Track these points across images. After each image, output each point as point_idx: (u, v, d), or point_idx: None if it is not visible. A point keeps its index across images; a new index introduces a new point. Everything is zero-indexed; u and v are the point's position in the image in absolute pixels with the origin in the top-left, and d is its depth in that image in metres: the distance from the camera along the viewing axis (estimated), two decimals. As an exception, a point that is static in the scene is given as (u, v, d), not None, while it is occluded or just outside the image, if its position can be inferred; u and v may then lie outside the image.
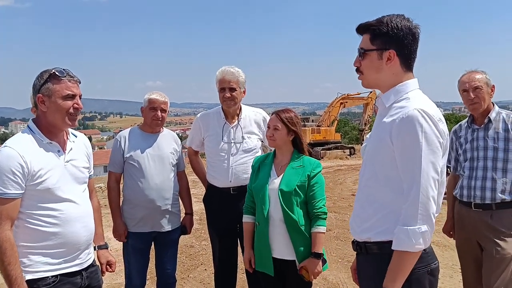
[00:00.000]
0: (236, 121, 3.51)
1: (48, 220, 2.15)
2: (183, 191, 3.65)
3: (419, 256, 1.75)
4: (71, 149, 2.33)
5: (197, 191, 9.06)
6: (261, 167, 2.99)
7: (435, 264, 1.87)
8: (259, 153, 3.57)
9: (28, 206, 2.12)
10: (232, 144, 3.45)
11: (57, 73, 2.17)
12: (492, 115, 3.09)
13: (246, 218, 3.02)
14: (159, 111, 3.39)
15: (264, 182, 2.87)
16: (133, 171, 3.36)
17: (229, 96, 3.37)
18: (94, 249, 2.64)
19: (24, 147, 2.12)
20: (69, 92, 2.19)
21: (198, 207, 5.80)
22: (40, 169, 2.12)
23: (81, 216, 2.29)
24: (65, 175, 2.25)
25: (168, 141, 3.52)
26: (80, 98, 2.27)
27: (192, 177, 4.74)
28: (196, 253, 6.10)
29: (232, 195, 3.44)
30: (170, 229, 3.46)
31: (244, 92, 3.48)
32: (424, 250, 1.77)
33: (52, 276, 2.18)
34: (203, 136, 3.58)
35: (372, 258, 1.91)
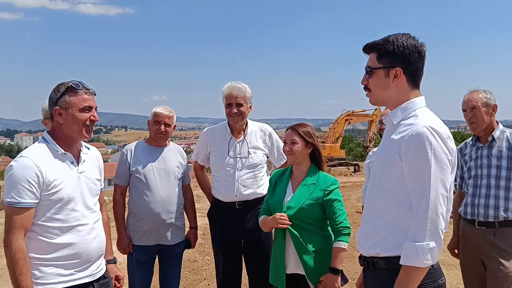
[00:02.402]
0: (242, 136, 3.52)
1: (60, 232, 2.17)
2: (188, 204, 3.65)
3: (426, 272, 1.76)
4: (84, 160, 2.36)
5: (201, 206, 9.05)
6: (278, 182, 2.98)
7: (442, 280, 1.88)
8: (265, 168, 3.58)
9: (41, 217, 2.14)
10: (238, 159, 3.45)
11: (73, 85, 2.23)
12: (496, 133, 3.13)
13: (263, 218, 2.93)
14: (162, 125, 3.42)
15: (281, 199, 2.86)
16: (139, 184, 3.37)
17: (236, 112, 3.39)
18: None
19: (39, 157, 2.15)
20: (86, 104, 2.25)
21: (202, 221, 5.78)
22: (55, 179, 2.15)
23: (92, 228, 2.30)
24: (79, 186, 2.27)
25: (174, 155, 3.54)
26: (95, 110, 2.32)
27: (196, 192, 4.75)
28: (199, 268, 6.07)
29: (237, 209, 3.43)
30: (174, 243, 3.46)
31: (250, 107, 3.50)
32: (432, 266, 1.78)
33: None
34: (209, 150, 3.59)
35: (380, 273, 1.91)
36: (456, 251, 3.45)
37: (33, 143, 2.36)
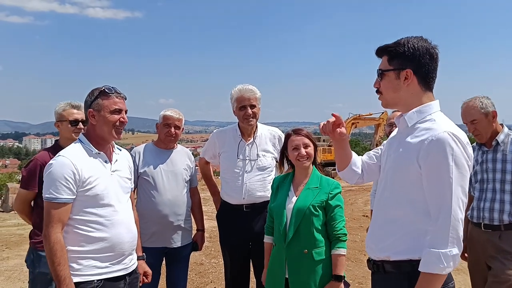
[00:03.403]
0: (252, 138, 3.52)
1: (95, 226, 2.31)
2: (195, 207, 3.67)
3: (445, 278, 1.74)
4: (116, 160, 2.52)
5: (208, 209, 9.06)
6: (280, 187, 2.97)
7: (452, 283, 1.87)
8: (274, 172, 3.56)
9: (77, 211, 2.28)
10: (247, 161, 3.45)
11: (106, 90, 2.41)
12: (500, 137, 3.12)
13: (267, 239, 3.01)
14: (172, 128, 3.45)
15: (282, 202, 2.85)
16: (147, 186, 3.40)
17: (251, 113, 3.40)
18: None
19: (76, 156, 2.31)
20: (116, 107, 2.41)
21: (209, 224, 5.79)
22: (90, 176, 2.30)
23: (124, 222, 2.45)
24: (112, 183, 2.42)
25: (181, 157, 3.57)
26: (126, 113, 2.47)
27: (203, 195, 4.77)
28: (205, 270, 6.08)
29: (245, 212, 3.43)
30: (181, 245, 3.47)
31: (259, 108, 3.50)
32: None
33: (98, 280, 2.30)
34: (218, 151, 3.61)
35: (389, 277, 1.91)
36: (465, 254, 3.44)
37: (41, 145, 2.42)
